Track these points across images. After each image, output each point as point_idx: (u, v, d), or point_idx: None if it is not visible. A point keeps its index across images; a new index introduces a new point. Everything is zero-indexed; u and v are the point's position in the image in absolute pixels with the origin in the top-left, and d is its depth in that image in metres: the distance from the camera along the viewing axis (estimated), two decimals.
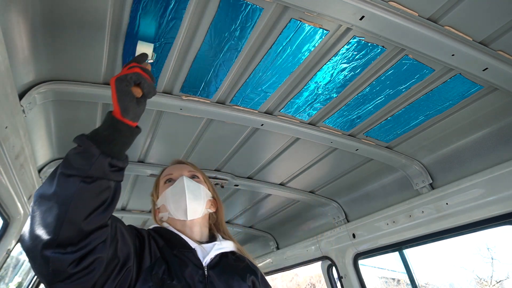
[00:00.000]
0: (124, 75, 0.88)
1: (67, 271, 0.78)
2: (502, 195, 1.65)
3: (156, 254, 1.10)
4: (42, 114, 1.55)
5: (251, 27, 1.23)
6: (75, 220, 0.78)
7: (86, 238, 0.81)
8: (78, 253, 0.79)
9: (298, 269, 23.88)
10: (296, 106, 1.68)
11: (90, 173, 0.81)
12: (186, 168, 1.40)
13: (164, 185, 1.36)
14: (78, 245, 0.79)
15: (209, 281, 1.10)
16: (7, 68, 1.06)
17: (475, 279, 17.50)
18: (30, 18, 1.07)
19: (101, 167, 0.82)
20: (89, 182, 0.81)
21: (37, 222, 0.78)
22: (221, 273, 1.15)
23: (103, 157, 0.83)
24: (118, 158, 0.86)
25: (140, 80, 0.89)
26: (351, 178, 2.38)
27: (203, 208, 1.31)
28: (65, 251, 0.77)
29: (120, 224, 1.02)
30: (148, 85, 0.91)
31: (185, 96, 1.56)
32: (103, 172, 0.83)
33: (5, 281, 3.74)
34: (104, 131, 0.86)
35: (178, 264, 1.10)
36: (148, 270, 1.03)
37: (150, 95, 0.93)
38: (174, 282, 1.02)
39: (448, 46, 1.23)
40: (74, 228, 0.78)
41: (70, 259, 0.78)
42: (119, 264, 0.94)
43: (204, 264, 1.14)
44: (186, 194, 1.26)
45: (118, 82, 0.88)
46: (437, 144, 1.90)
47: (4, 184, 1.45)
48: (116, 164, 0.85)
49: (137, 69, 0.91)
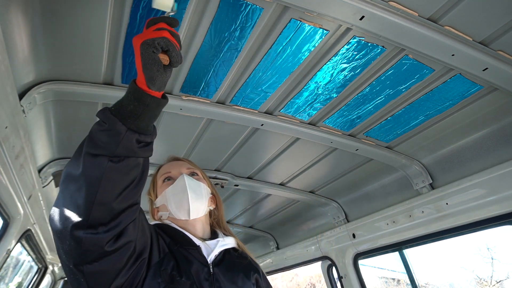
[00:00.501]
0: (151, 39, 0.78)
1: (104, 250, 0.77)
2: (502, 195, 1.65)
3: (164, 249, 1.08)
4: (42, 114, 1.55)
5: (251, 27, 1.23)
6: (106, 201, 0.76)
7: (117, 218, 0.79)
8: (111, 232, 0.78)
9: (298, 269, 23.89)
10: (296, 106, 1.68)
11: (118, 151, 0.77)
12: (184, 166, 1.36)
13: (163, 184, 1.31)
14: (108, 225, 0.78)
15: (214, 279, 1.09)
16: (7, 68, 1.06)
17: (475, 279, 17.51)
18: (30, 18, 1.07)
19: (129, 144, 0.78)
20: (117, 162, 0.77)
21: (67, 203, 0.77)
22: (226, 270, 1.15)
23: (130, 134, 0.78)
24: (146, 133, 0.82)
25: (168, 46, 0.80)
26: (351, 178, 2.38)
27: (205, 206, 1.28)
28: (97, 231, 0.76)
29: (142, 215, 0.99)
30: (176, 53, 0.82)
31: (185, 96, 1.56)
32: (131, 150, 0.79)
33: (5, 281, 3.74)
34: (130, 105, 0.79)
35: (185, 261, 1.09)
36: (157, 265, 1.01)
37: (177, 64, 0.84)
38: (183, 279, 1.01)
39: (448, 46, 1.22)
40: (105, 209, 0.77)
41: (106, 238, 0.77)
42: (136, 254, 0.92)
43: (209, 261, 1.14)
44: (188, 194, 1.22)
45: (144, 47, 0.78)
46: (437, 144, 1.90)
47: (4, 184, 1.45)
48: (144, 139, 0.81)
49: (166, 33, 0.80)
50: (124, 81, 1.45)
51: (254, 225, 3.43)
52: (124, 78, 1.43)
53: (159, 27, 0.81)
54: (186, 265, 1.07)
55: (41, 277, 3.78)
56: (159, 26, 0.82)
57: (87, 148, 0.78)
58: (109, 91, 1.46)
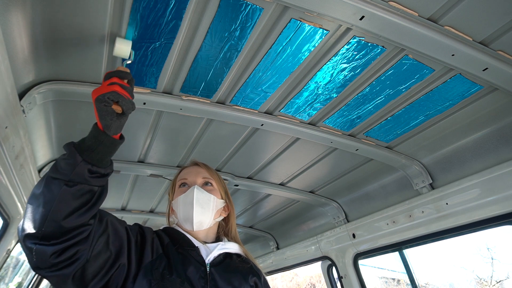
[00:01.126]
0: (102, 94, 0.91)
1: (49, 261, 0.87)
2: (502, 195, 1.65)
3: (158, 251, 1.15)
4: (42, 114, 1.55)
5: (251, 27, 1.23)
6: (56, 219, 0.87)
7: (67, 234, 0.89)
8: (59, 246, 0.88)
9: (298, 269, 23.91)
10: (296, 106, 1.68)
11: (72, 178, 0.88)
12: (200, 174, 1.40)
13: (178, 189, 1.38)
14: (60, 239, 0.88)
15: (210, 278, 1.14)
16: (7, 68, 1.06)
17: (475, 279, 17.49)
18: (30, 18, 1.07)
19: (82, 173, 0.90)
20: (71, 186, 0.88)
21: (27, 217, 0.89)
22: (223, 271, 1.19)
23: (84, 164, 0.90)
24: (99, 166, 0.93)
25: (118, 99, 0.92)
26: (351, 178, 2.38)
27: (210, 220, 1.33)
28: (49, 243, 0.87)
29: (112, 218, 1.07)
30: (126, 103, 0.94)
31: (185, 96, 1.56)
32: (84, 178, 0.90)
33: (5, 281, 3.74)
34: (88, 141, 0.93)
35: (181, 260, 1.14)
36: (148, 265, 1.08)
37: (129, 111, 0.96)
38: (174, 276, 1.07)
39: (448, 46, 1.22)
40: (55, 225, 0.87)
41: (51, 250, 0.87)
42: (112, 258, 1.00)
43: (207, 262, 1.19)
44: (194, 208, 1.28)
45: (98, 102, 0.92)
46: (437, 144, 1.90)
47: (4, 184, 1.45)
48: (97, 171, 0.92)
49: (115, 87, 0.93)
50: None
51: (254, 225, 3.43)
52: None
53: (111, 82, 0.94)
54: (181, 264, 1.12)
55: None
56: (111, 81, 0.94)
57: (49, 173, 0.91)
58: None
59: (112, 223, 1.05)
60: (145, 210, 3.05)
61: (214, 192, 1.37)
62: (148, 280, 1.03)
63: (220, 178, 1.47)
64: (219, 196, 1.39)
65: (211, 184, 1.39)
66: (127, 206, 2.92)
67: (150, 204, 2.92)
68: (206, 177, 1.40)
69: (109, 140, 0.94)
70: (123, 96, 0.93)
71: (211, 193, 1.35)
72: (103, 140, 0.93)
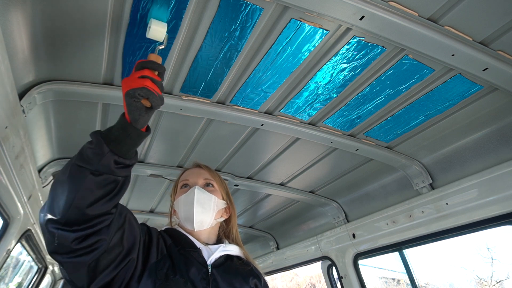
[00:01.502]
0: (133, 89, 0.91)
1: (70, 246, 0.88)
2: (502, 195, 1.65)
3: (163, 251, 1.16)
4: (42, 114, 1.55)
5: (251, 27, 1.23)
6: (80, 206, 0.88)
7: (90, 221, 0.90)
8: (81, 232, 0.89)
9: (298, 269, 23.91)
10: (296, 106, 1.68)
11: (98, 167, 0.89)
12: (202, 175, 1.41)
13: (179, 190, 1.40)
14: (82, 226, 0.89)
15: (212, 279, 1.15)
16: (7, 68, 1.06)
17: (475, 279, 17.49)
18: (30, 18, 1.07)
19: (108, 163, 0.90)
20: (97, 175, 0.89)
21: (51, 202, 0.91)
22: (224, 272, 1.20)
23: (110, 155, 0.90)
24: (125, 157, 0.94)
25: (148, 95, 0.92)
26: (351, 178, 2.38)
27: (211, 220, 1.33)
28: (71, 229, 0.88)
29: (130, 215, 1.08)
30: (156, 99, 0.94)
31: (185, 96, 1.56)
32: (110, 168, 0.91)
33: (5, 281, 3.75)
34: (116, 132, 0.93)
35: (184, 262, 1.15)
36: (153, 265, 1.09)
37: (158, 107, 0.97)
38: (177, 276, 1.08)
39: (448, 46, 1.22)
40: (79, 213, 0.88)
41: (74, 236, 0.88)
42: (123, 252, 1.01)
43: (209, 263, 1.20)
44: (195, 208, 1.29)
45: (128, 97, 0.92)
46: (437, 144, 1.90)
47: (4, 184, 1.45)
48: (123, 162, 0.93)
49: (147, 82, 0.93)
50: None
51: (254, 225, 3.43)
52: (124, 78, 1.43)
53: (142, 75, 0.94)
54: (183, 265, 1.13)
55: (41, 277, 3.78)
56: (143, 73, 0.94)
57: (75, 160, 0.92)
58: (109, 91, 1.46)
59: (129, 219, 1.07)
60: (145, 210, 3.05)
61: (215, 192, 1.39)
62: (152, 280, 1.05)
63: (222, 180, 1.48)
64: (220, 197, 1.40)
65: (212, 185, 1.41)
66: (127, 206, 2.91)
67: (150, 204, 2.92)
68: (208, 178, 1.42)
69: (137, 132, 0.94)
70: (153, 93, 0.92)
71: (212, 193, 1.37)
72: (131, 133, 0.94)
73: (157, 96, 0.94)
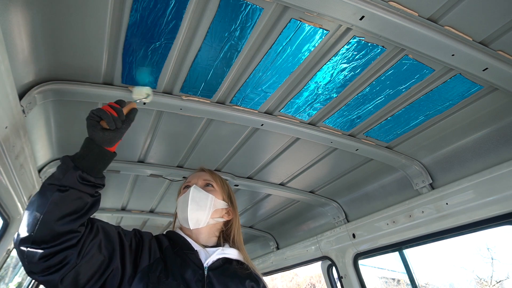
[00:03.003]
0: (91, 111, 1.05)
1: (38, 265, 0.92)
2: (502, 195, 1.65)
3: (156, 255, 1.17)
4: (42, 114, 1.55)
5: (251, 27, 1.22)
6: (47, 221, 0.92)
7: (57, 239, 0.93)
8: (49, 250, 0.92)
9: (298, 269, 23.91)
10: (296, 106, 1.67)
11: (63, 182, 0.96)
12: (202, 177, 1.47)
13: (180, 192, 1.46)
14: (49, 244, 0.92)
15: (207, 281, 1.15)
16: (7, 68, 1.06)
17: (475, 279, 17.50)
18: (30, 18, 1.07)
19: (73, 178, 0.97)
20: (63, 191, 0.95)
21: (22, 222, 0.95)
22: (220, 275, 1.20)
23: (74, 170, 0.98)
24: (89, 173, 1.00)
25: (101, 116, 1.03)
26: (351, 178, 2.38)
27: (206, 218, 1.35)
28: (39, 247, 0.92)
29: (102, 223, 1.13)
30: (108, 120, 1.03)
31: (185, 96, 1.56)
32: (74, 183, 0.97)
33: (5, 281, 3.75)
34: (81, 150, 1.03)
35: (179, 264, 1.16)
36: (145, 269, 1.11)
37: (111, 127, 1.05)
38: (170, 279, 1.09)
39: (448, 46, 1.22)
40: (46, 229, 0.92)
41: (41, 254, 0.92)
42: (105, 262, 1.05)
43: (205, 265, 1.20)
44: (189, 205, 1.33)
45: (88, 119, 1.05)
46: (437, 144, 1.90)
47: (4, 184, 1.45)
48: (86, 178, 0.99)
49: (105, 106, 1.07)
50: (124, 81, 1.45)
51: (254, 225, 3.43)
52: (124, 78, 1.43)
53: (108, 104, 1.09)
54: (178, 268, 1.14)
55: None
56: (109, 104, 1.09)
57: (45, 180, 0.99)
58: (109, 91, 1.46)
59: (103, 228, 1.10)
60: (145, 210, 3.05)
61: (213, 192, 1.41)
62: (144, 283, 1.06)
63: (224, 182, 1.52)
64: (220, 198, 1.42)
65: (212, 185, 1.44)
66: (127, 206, 2.92)
67: (150, 204, 2.92)
68: (208, 179, 1.46)
69: (99, 149, 1.03)
70: (106, 113, 1.03)
71: (210, 193, 1.39)
72: (93, 149, 1.02)
73: (110, 117, 1.03)
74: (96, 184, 1.03)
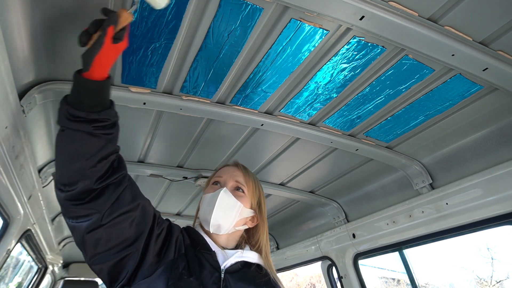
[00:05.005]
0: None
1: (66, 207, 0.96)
2: (502, 195, 1.65)
3: (181, 250, 1.14)
4: (42, 114, 1.55)
5: (251, 27, 1.22)
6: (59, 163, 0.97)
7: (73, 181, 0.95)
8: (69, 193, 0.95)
9: (298, 269, 23.87)
10: (296, 106, 1.67)
11: (59, 123, 0.96)
12: (235, 176, 1.34)
13: (209, 187, 1.36)
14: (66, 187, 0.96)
15: (224, 285, 1.10)
16: (7, 68, 1.06)
17: (475, 279, 17.49)
18: (30, 18, 1.07)
19: (62, 115, 0.95)
20: (62, 131, 0.96)
21: None
22: (238, 279, 1.14)
23: (64, 105, 0.95)
24: (77, 108, 0.94)
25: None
26: (351, 178, 2.38)
27: (229, 226, 1.26)
28: (63, 189, 0.96)
29: (145, 203, 1.12)
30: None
31: (185, 96, 1.56)
32: (66, 122, 0.94)
33: (5, 281, 3.75)
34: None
35: (198, 264, 1.12)
36: (169, 263, 1.08)
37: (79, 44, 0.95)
38: (192, 278, 1.06)
39: (448, 46, 1.22)
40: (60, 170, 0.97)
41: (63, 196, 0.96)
42: (130, 240, 1.03)
43: (222, 268, 1.15)
44: (214, 210, 1.22)
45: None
46: (437, 144, 1.90)
47: (4, 184, 1.45)
48: (74, 113, 0.93)
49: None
50: (124, 81, 1.45)
51: None
52: (124, 78, 1.43)
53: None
54: (197, 268, 1.10)
55: (41, 277, 3.78)
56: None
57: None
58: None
59: (144, 207, 1.09)
60: None
61: (242, 199, 1.30)
62: (166, 278, 1.03)
63: (257, 187, 1.39)
64: (248, 205, 1.32)
65: (242, 190, 1.33)
66: None
67: None
68: (240, 181, 1.33)
69: (76, 78, 0.95)
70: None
71: (238, 199, 1.28)
72: (74, 79, 0.96)
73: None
74: (89, 119, 0.93)
